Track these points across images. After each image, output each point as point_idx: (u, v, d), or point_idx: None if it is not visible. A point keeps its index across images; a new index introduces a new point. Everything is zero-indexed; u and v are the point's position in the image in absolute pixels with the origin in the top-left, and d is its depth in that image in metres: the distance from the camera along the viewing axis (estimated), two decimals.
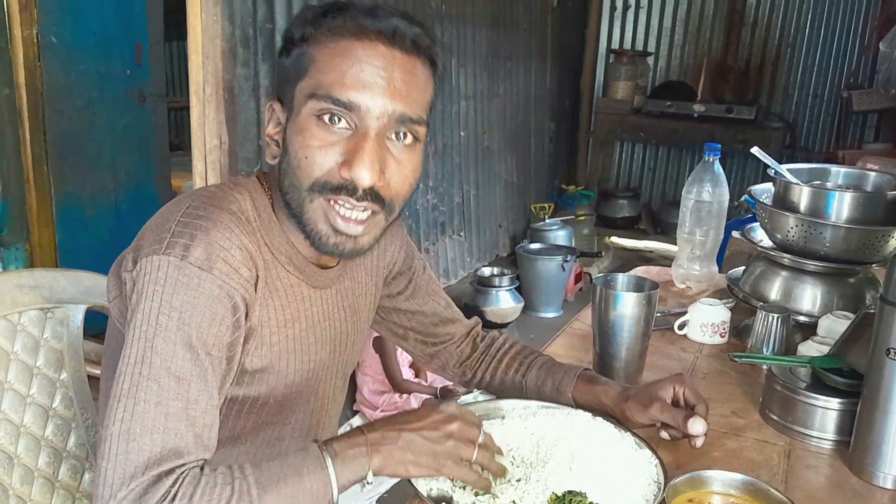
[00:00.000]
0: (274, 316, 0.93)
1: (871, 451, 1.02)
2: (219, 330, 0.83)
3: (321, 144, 0.86)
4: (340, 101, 0.85)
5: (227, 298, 0.84)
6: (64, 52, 3.07)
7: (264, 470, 0.79)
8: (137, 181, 3.47)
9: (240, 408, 0.96)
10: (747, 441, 1.13)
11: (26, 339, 1.14)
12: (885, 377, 1.00)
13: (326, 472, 0.80)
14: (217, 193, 0.91)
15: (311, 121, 0.86)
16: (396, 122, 0.87)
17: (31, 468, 1.14)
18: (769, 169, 1.49)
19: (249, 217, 0.91)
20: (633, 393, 1.06)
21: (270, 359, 0.94)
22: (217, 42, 2.42)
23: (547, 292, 4.09)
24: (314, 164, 0.86)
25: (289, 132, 0.89)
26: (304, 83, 0.87)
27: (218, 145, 2.47)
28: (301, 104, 0.87)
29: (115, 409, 0.78)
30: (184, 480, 0.76)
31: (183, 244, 0.82)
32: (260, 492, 0.77)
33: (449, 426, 0.86)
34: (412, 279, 1.18)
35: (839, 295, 1.44)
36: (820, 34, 5.28)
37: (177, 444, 0.77)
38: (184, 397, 0.79)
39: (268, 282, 0.92)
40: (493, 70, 4.55)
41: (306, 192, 0.88)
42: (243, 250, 0.86)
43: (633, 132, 5.54)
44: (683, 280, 1.77)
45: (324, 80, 0.85)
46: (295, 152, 0.88)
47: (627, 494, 0.90)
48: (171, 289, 0.81)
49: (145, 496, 0.74)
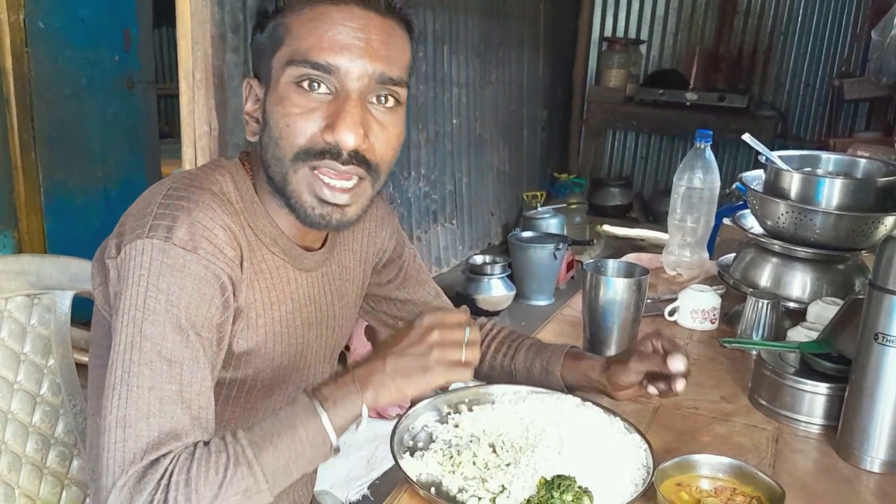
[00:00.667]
0: (260, 298, 0.92)
1: (858, 435, 1.03)
2: (208, 310, 0.83)
3: (302, 111, 0.85)
4: (319, 64, 0.84)
5: (214, 278, 0.83)
6: (52, 38, 3.04)
7: (256, 430, 0.79)
8: (127, 169, 3.45)
9: (228, 391, 0.96)
10: (736, 426, 1.13)
11: (13, 326, 1.14)
12: (873, 362, 1.00)
13: (319, 418, 0.80)
14: (198, 175, 0.90)
15: (290, 88, 0.85)
16: (377, 83, 0.86)
17: (19, 455, 1.14)
18: (760, 156, 1.49)
19: (231, 198, 0.90)
20: (614, 359, 1.07)
21: (256, 341, 0.93)
22: (206, 27, 2.40)
23: (539, 280, 4.09)
24: (296, 131, 0.85)
25: (268, 105, 0.88)
26: (280, 53, 0.86)
27: (208, 132, 2.46)
28: (279, 73, 0.86)
29: (111, 398, 0.78)
30: (179, 457, 0.76)
31: (166, 226, 0.82)
32: (256, 451, 0.77)
33: (430, 336, 0.84)
34: (402, 267, 1.18)
35: (829, 281, 1.44)
36: (812, 23, 5.28)
37: (174, 426, 0.77)
38: (177, 380, 0.79)
39: (253, 263, 0.91)
40: (486, 58, 4.53)
41: (290, 161, 0.87)
42: (226, 230, 0.86)
43: (626, 121, 5.54)
44: (674, 267, 1.77)
45: (300, 46, 0.84)
46: (276, 122, 0.86)
47: (616, 478, 0.90)
48: (157, 271, 0.80)
49: (143, 479, 0.74)
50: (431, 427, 1.03)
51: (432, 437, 1.01)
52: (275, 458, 0.78)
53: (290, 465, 0.79)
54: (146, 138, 3.55)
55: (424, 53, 3.94)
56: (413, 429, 1.03)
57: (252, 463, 0.76)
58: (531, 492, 0.87)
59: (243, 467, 0.76)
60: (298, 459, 0.79)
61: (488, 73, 4.59)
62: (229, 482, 0.75)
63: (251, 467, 0.76)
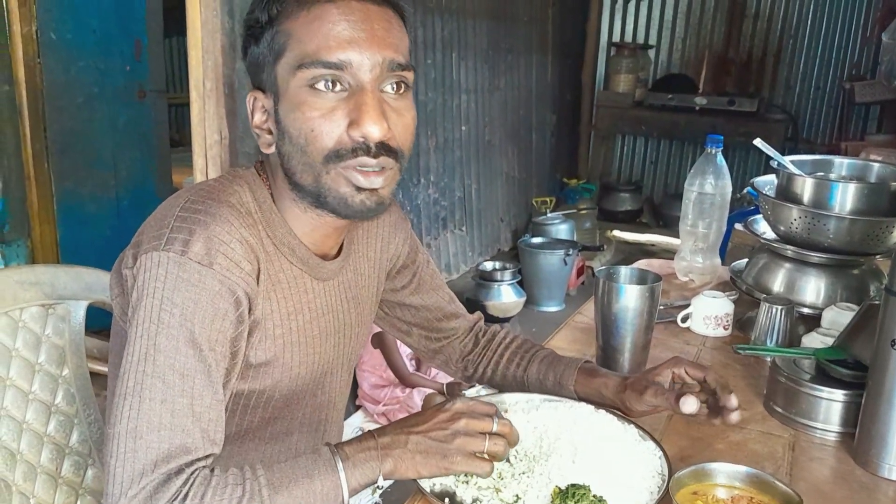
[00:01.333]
0: (277, 309, 0.93)
1: (876, 442, 1.02)
2: (222, 325, 0.83)
3: (322, 113, 0.85)
4: (331, 62, 0.84)
5: (228, 293, 0.83)
6: (63, 49, 3.06)
7: (276, 471, 0.79)
8: (138, 177, 3.47)
9: (246, 402, 0.96)
10: (751, 433, 1.12)
11: (27, 336, 1.14)
12: (890, 368, 0.99)
13: (338, 475, 0.81)
14: (215, 187, 0.90)
15: (304, 92, 0.85)
16: (388, 70, 0.86)
17: (34, 464, 1.14)
18: (772, 161, 1.49)
19: (250, 209, 0.90)
20: (630, 382, 1.06)
21: (275, 351, 0.93)
22: (217, 37, 2.41)
23: (549, 286, 4.08)
24: (322, 134, 0.85)
25: (282, 113, 0.88)
26: (285, 60, 0.86)
27: (218, 140, 2.47)
28: (288, 80, 0.86)
29: (122, 407, 0.78)
30: (195, 480, 0.76)
31: (182, 239, 0.82)
32: (271, 493, 0.77)
33: (456, 424, 0.86)
34: (416, 273, 1.18)
35: (843, 286, 1.43)
36: (822, 25, 5.27)
37: (184, 440, 0.78)
38: (189, 393, 0.79)
39: (270, 274, 0.91)
40: (494, 64, 4.54)
41: (321, 165, 0.87)
42: (243, 243, 0.86)
43: (635, 125, 5.53)
44: (686, 273, 1.76)
45: (307, 48, 0.84)
46: (298, 130, 0.86)
47: (631, 487, 0.90)
48: (172, 285, 0.80)
49: (156, 495, 0.74)
50: None
51: None
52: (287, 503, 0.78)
53: None
54: (157, 147, 3.58)
55: (433, 60, 3.95)
56: None
57: (266, 503, 0.77)
58: (545, 501, 0.87)
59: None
60: None
61: (497, 78, 4.60)
62: None
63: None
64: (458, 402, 0.89)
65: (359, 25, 0.85)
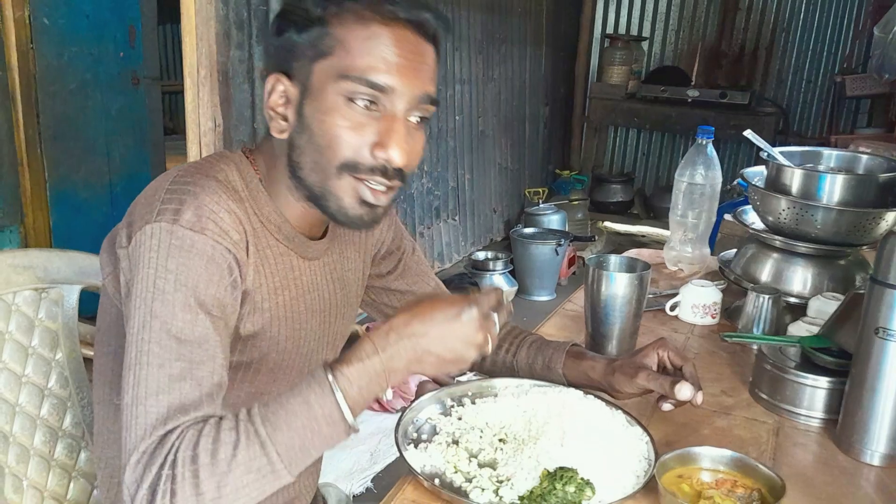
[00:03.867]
0: (265, 282, 0.94)
1: (858, 428, 1.04)
2: (216, 290, 0.84)
3: (352, 125, 0.87)
4: (377, 84, 0.86)
5: (221, 258, 0.85)
6: (57, 35, 3.04)
7: (271, 406, 0.78)
8: (132, 165, 3.46)
9: (233, 374, 0.97)
10: (737, 419, 1.14)
11: (21, 319, 1.15)
12: (874, 356, 1.01)
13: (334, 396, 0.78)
14: (203, 164, 0.92)
15: (339, 101, 0.87)
16: (420, 102, 0.90)
17: (27, 447, 1.15)
18: (762, 152, 1.50)
19: (237, 186, 0.92)
20: (618, 365, 1.07)
21: (262, 324, 0.95)
22: (211, 24, 2.41)
23: (541, 276, 4.10)
24: (346, 144, 0.88)
25: (308, 109, 0.89)
26: (327, 63, 0.87)
27: (212, 128, 2.47)
28: (325, 83, 0.87)
29: (126, 379, 0.79)
30: (186, 433, 0.76)
31: (173, 209, 0.84)
32: (269, 430, 0.76)
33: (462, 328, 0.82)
34: (401, 259, 1.20)
35: (829, 277, 1.45)
36: (814, 19, 5.28)
37: (182, 401, 0.78)
38: (186, 357, 0.80)
39: (258, 248, 0.93)
40: (488, 54, 4.54)
41: (335, 170, 0.89)
42: (232, 214, 0.87)
43: (627, 117, 5.54)
44: (675, 262, 1.78)
45: (357, 63, 0.86)
46: (323, 132, 0.88)
47: (618, 470, 0.92)
48: (166, 252, 0.82)
49: (154, 454, 0.75)
50: (435, 419, 1.04)
51: (436, 430, 1.02)
52: (289, 439, 0.76)
53: (307, 443, 0.78)
54: (151, 134, 3.56)
55: None
56: (417, 421, 1.04)
57: (265, 443, 0.75)
58: (534, 483, 0.88)
59: (255, 446, 0.75)
60: (315, 438, 0.78)
61: (491, 69, 4.60)
62: (240, 460, 0.74)
63: (264, 446, 0.75)
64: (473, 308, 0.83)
65: (408, 56, 0.88)
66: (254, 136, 2.70)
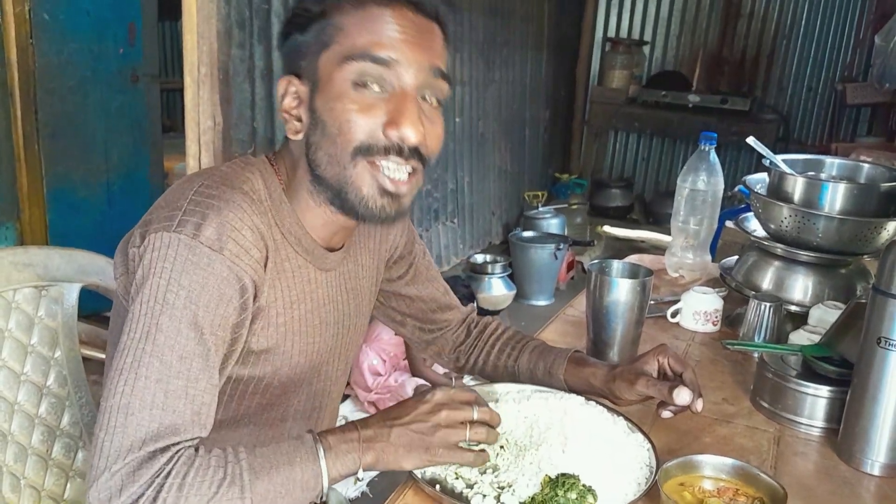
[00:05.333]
0: (281, 297, 0.93)
1: (859, 438, 1.04)
2: (225, 311, 0.84)
3: (361, 107, 0.87)
4: (380, 58, 0.86)
5: (235, 280, 0.84)
6: (57, 31, 3.03)
7: (258, 455, 0.80)
8: (130, 162, 3.44)
9: (244, 388, 0.96)
10: (738, 427, 1.14)
11: (20, 317, 1.14)
12: (876, 366, 1.01)
13: (318, 464, 0.82)
14: (229, 173, 0.91)
15: (346, 85, 0.87)
16: (431, 76, 0.89)
17: (25, 446, 1.15)
18: (764, 159, 1.50)
19: (261, 196, 0.91)
20: (619, 372, 1.07)
21: (276, 339, 0.94)
22: (212, 22, 2.40)
23: (539, 280, 4.10)
24: (357, 127, 0.87)
25: (318, 103, 0.89)
26: (331, 51, 0.87)
27: (212, 126, 2.46)
28: (332, 72, 0.87)
29: (117, 382, 0.78)
30: (178, 459, 0.76)
31: (195, 223, 0.82)
32: (251, 477, 0.78)
33: (436, 416, 0.87)
34: (413, 264, 1.19)
35: (830, 285, 1.45)
36: (815, 27, 5.29)
37: (174, 421, 0.78)
38: (185, 375, 0.80)
39: (276, 262, 0.92)
40: (490, 57, 4.54)
41: (350, 156, 0.88)
42: (254, 231, 0.86)
43: (628, 122, 5.55)
44: (676, 268, 1.78)
45: (358, 42, 0.86)
46: (334, 119, 0.88)
47: (620, 477, 0.91)
48: (181, 267, 0.81)
49: (139, 470, 0.75)
50: None
51: None
52: (266, 490, 0.79)
53: (278, 500, 0.80)
54: (149, 132, 3.55)
55: None
56: None
57: (245, 488, 0.77)
58: (535, 490, 0.88)
59: (236, 489, 0.77)
60: (286, 497, 0.80)
61: (492, 72, 4.60)
62: (219, 499, 0.76)
63: (243, 492, 0.77)
64: (438, 392, 0.90)
65: (410, 31, 0.88)
66: (253, 136, 2.69)
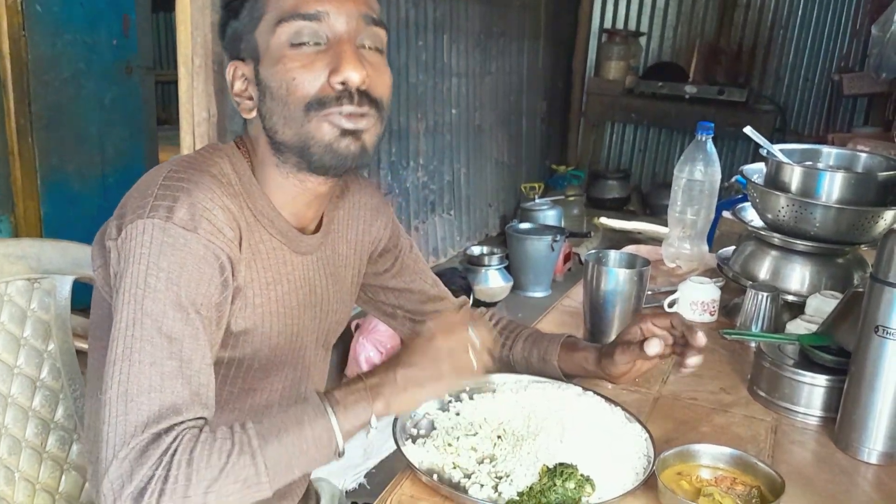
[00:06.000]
0: (257, 278, 0.94)
1: (856, 426, 1.04)
2: (207, 289, 0.84)
3: (302, 63, 0.88)
4: (309, 14, 0.87)
5: (213, 258, 0.84)
6: (50, 22, 3.01)
7: (265, 423, 0.80)
8: (124, 154, 3.43)
9: (226, 371, 0.96)
10: (735, 417, 1.13)
11: (13, 310, 1.13)
12: (873, 354, 1.01)
13: (328, 418, 0.81)
14: (197, 158, 0.92)
15: (284, 48, 0.88)
16: (363, 23, 0.90)
17: (19, 439, 1.14)
18: (761, 149, 1.49)
19: (231, 180, 0.92)
20: (604, 350, 1.09)
21: (254, 320, 0.94)
22: (206, 13, 2.38)
23: (536, 272, 4.10)
24: (303, 83, 0.88)
25: (262, 74, 0.90)
26: (264, 22, 0.89)
27: (206, 118, 2.45)
28: (268, 40, 0.89)
29: (112, 373, 0.79)
30: (184, 437, 0.77)
31: (166, 206, 0.83)
32: (261, 443, 0.78)
33: (436, 344, 0.87)
34: (398, 257, 1.19)
35: (828, 275, 1.44)
36: (812, 17, 5.28)
37: (174, 401, 0.78)
38: (177, 356, 0.80)
39: (251, 243, 0.92)
40: (486, 48, 4.52)
41: (303, 112, 0.88)
42: (226, 211, 0.87)
43: (625, 113, 5.54)
44: (674, 259, 1.77)
45: (285, 5, 0.88)
46: (280, 82, 0.89)
47: (618, 467, 0.91)
48: (158, 250, 0.81)
49: (146, 453, 0.75)
50: (433, 415, 1.03)
51: (434, 425, 1.01)
52: (278, 453, 0.78)
53: (293, 461, 0.80)
54: (144, 124, 3.54)
55: (424, 42, 3.92)
56: (415, 416, 1.03)
57: (256, 453, 0.77)
58: (533, 479, 0.88)
59: (246, 456, 0.77)
60: (301, 457, 0.80)
61: (488, 63, 4.58)
62: (231, 468, 0.76)
63: (254, 457, 0.77)
64: (430, 323, 0.90)
65: None
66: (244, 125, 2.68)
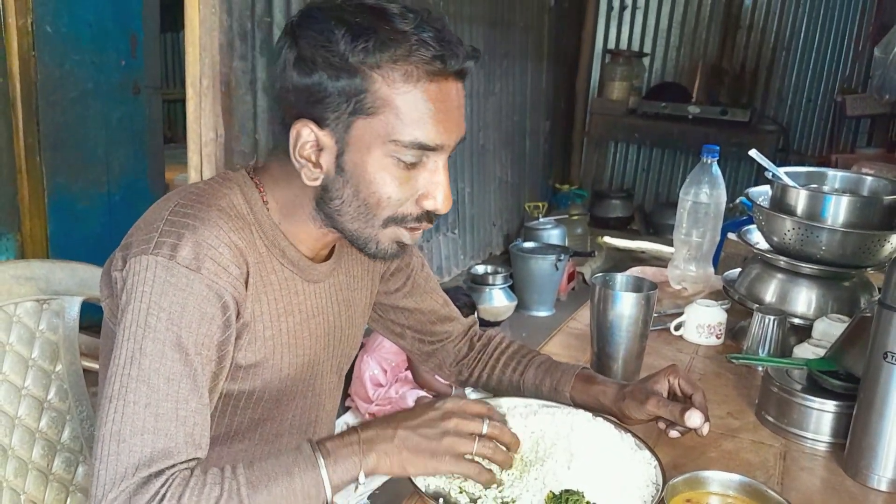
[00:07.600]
0: (267, 310, 0.93)
1: (866, 453, 1.03)
2: (208, 329, 0.83)
3: (400, 182, 0.88)
4: (429, 146, 0.86)
5: (216, 298, 0.84)
6: (59, 43, 3.04)
7: (256, 469, 0.79)
8: (131, 174, 3.45)
9: (235, 403, 0.96)
10: (743, 442, 1.13)
11: (21, 331, 1.14)
12: (882, 380, 1.00)
13: (318, 471, 0.80)
14: (206, 190, 0.90)
15: (389, 161, 0.86)
16: None
17: (26, 460, 1.14)
18: (766, 172, 1.50)
19: (242, 211, 0.90)
20: (629, 391, 1.06)
21: (265, 353, 0.94)
22: (215, 35, 2.41)
23: (540, 291, 4.09)
24: (397, 201, 0.89)
25: (349, 164, 0.87)
26: (373, 122, 0.84)
27: (214, 138, 2.46)
28: (372, 143, 0.85)
29: (107, 410, 0.79)
30: (174, 481, 0.76)
31: (171, 244, 0.82)
32: (250, 492, 0.77)
33: (446, 423, 0.86)
34: (410, 276, 1.18)
35: (834, 298, 1.44)
36: (815, 38, 5.31)
37: (167, 444, 0.78)
38: (174, 398, 0.79)
39: (261, 275, 0.92)
40: (490, 69, 4.55)
41: (381, 222, 0.90)
42: (232, 248, 0.86)
43: (628, 133, 5.56)
44: (679, 281, 1.77)
45: (407, 128, 0.84)
46: (369, 188, 0.87)
47: (625, 495, 0.90)
48: (160, 289, 0.81)
49: (135, 497, 0.75)
50: None
51: None
52: (266, 502, 0.78)
53: None
54: (151, 143, 3.56)
55: None
56: None
57: (244, 501, 0.77)
58: None
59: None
60: None
61: (492, 83, 4.61)
62: None
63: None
64: (450, 401, 0.88)
65: (455, 108, 0.88)
66: (255, 148, 2.69)
